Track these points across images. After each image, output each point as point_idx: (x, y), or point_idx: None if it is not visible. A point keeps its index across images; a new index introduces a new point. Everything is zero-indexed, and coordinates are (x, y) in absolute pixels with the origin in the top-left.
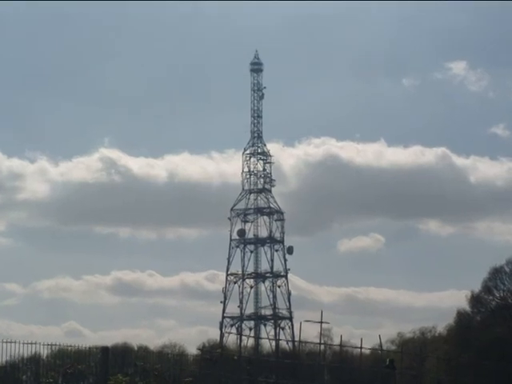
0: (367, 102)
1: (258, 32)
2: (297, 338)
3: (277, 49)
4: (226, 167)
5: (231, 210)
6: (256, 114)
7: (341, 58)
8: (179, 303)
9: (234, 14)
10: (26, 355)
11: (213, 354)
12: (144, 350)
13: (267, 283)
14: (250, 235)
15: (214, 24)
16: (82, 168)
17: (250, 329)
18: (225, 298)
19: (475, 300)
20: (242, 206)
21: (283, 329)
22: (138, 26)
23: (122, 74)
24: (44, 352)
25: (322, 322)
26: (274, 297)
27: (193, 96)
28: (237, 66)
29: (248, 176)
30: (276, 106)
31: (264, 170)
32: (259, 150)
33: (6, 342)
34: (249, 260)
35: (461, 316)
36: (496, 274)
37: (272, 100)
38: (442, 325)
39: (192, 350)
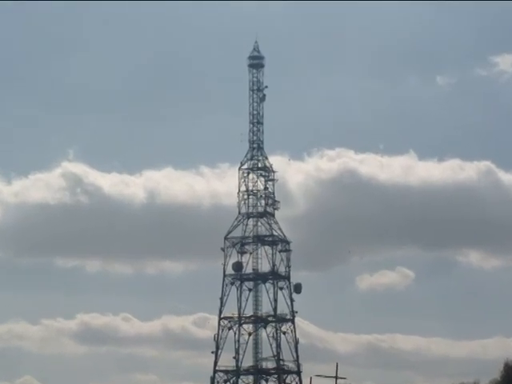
0: (393, 105)
1: (258, 19)
2: None
3: (281, 39)
4: (218, 185)
5: (225, 238)
6: (256, 120)
7: (361, 50)
8: (161, 354)
9: None
10: None
11: None
12: None
13: (269, 329)
14: (248, 270)
15: (202, 8)
16: (41, 186)
17: None
18: (217, 347)
19: None
20: (238, 233)
21: None
22: (109, 12)
23: (90, 70)
24: None
25: (337, 378)
26: (278, 346)
27: (178, 98)
28: (232, 60)
29: (246, 197)
30: (280, 110)
31: (266, 189)
32: (259, 165)
33: None
34: (247, 300)
35: (509, 369)
36: None
37: (275, 102)
38: (485, 380)
39: None
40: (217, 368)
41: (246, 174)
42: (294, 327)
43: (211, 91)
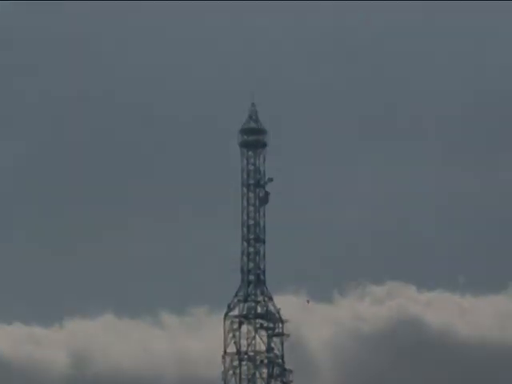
0: (478, 209)
1: (257, 66)
2: None
3: (294, 97)
4: (190, 344)
5: None
6: (253, 236)
7: (423, 115)
8: None
9: (215, 33)
10: None
11: None
12: None
13: None
14: None
15: (173, 49)
16: None
17: None
18: None
19: None
20: None
21: None
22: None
23: None
24: None
25: None
26: None
27: (122, 200)
28: (212, 133)
29: (236, 363)
30: (293, 218)
31: (270, 350)
32: (259, 310)
33: None
34: None
35: None
36: None
37: (285, 205)
38: None
39: None
40: None
41: (236, 326)
42: None
43: (178, 188)
